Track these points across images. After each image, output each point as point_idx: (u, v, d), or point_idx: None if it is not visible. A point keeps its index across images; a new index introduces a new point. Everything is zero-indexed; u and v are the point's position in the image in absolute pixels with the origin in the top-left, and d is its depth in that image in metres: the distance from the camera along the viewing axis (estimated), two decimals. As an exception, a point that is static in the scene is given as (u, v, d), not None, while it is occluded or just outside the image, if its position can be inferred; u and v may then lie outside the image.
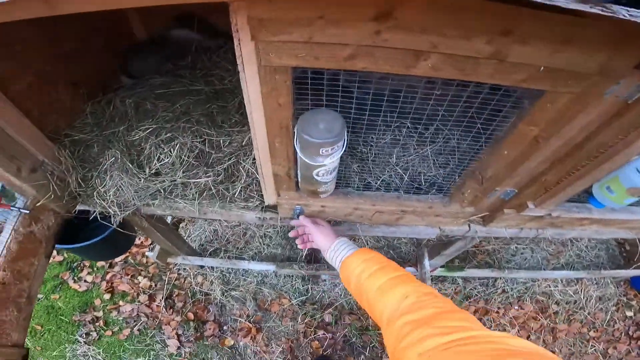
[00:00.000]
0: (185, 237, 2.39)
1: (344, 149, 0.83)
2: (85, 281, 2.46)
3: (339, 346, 2.27)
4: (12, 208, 1.10)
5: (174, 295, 2.38)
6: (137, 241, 2.53)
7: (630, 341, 2.53)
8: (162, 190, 1.16)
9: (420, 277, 1.86)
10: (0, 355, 1.05)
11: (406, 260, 2.28)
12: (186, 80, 1.37)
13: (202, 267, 2.40)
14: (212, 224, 2.53)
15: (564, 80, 0.61)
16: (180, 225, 2.46)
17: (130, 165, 1.10)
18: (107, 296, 2.41)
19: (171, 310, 2.34)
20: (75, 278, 2.47)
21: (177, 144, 1.12)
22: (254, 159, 1.13)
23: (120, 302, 2.40)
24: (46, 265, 1.27)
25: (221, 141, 1.17)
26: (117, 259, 2.49)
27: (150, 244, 2.52)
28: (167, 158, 1.12)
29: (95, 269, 2.49)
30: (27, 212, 1.12)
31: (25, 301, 1.15)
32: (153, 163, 1.12)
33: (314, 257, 2.40)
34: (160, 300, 2.35)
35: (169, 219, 1.94)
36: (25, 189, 1.09)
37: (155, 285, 2.41)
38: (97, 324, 2.36)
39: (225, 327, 2.33)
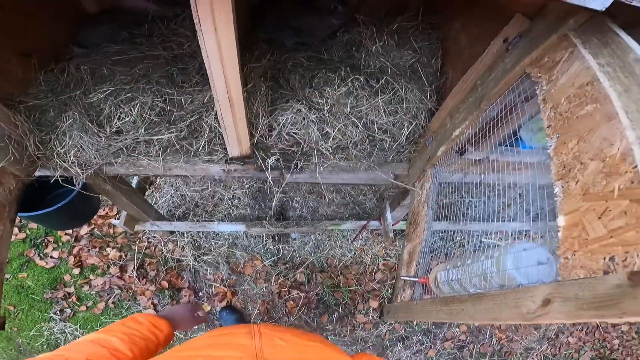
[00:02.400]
0: (152, 205, 2.37)
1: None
2: (51, 257, 2.40)
3: (313, 305, 2.37)
4: (-30, 171, 1.09)
5: (146, 265, 2.38)
6: (102, 212, 2.47)
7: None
8: (124, 149, 1.18)
9: (384, 230, 2.00)
10: None
11: (370, 215, 2.41)
12: (143, 47, 1.35)
13: (172, 233, 2.39)
14: (179, 189, 2.52)
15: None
16: (146, 193, 2.43)
17: (90, 125, 1.11)
18: (76, 271, 2.37)
19: (144, 280, 2.35)
20: (41, 255, 2.41)
21: (137, 103, 1.13)
22: (217, 114, 1.17)
23: (91, 276, 2.37)
24: (11, 231, 1.28)
25: (182, 100, 1.19)
26: (83, 232, 2.44)
27: (116, 214, 2.50)
28: (128, 117, 1.14)
29: (60, 243, 2.43)
30: (-14, 175, 1.11)
31: (-5, 268, 1.16)
32: (113, 122, 1.13)
33: (282, 215, 2.48)
34: (132, 271, 2.34)
35: (134, 184, 1.93)
36: (-18, 152, 1.09)
37: (126, 256, 2.39)
38: (69, 300, 2.34)
39: (200, 294, 2.37)
